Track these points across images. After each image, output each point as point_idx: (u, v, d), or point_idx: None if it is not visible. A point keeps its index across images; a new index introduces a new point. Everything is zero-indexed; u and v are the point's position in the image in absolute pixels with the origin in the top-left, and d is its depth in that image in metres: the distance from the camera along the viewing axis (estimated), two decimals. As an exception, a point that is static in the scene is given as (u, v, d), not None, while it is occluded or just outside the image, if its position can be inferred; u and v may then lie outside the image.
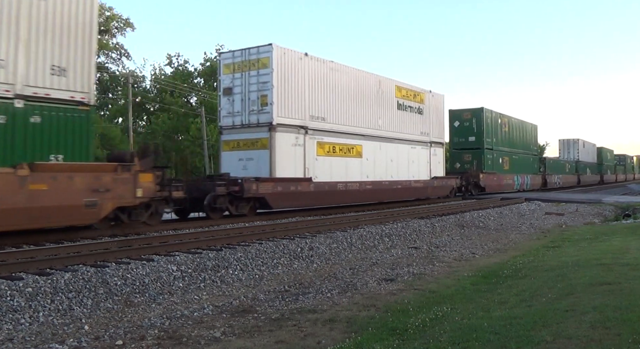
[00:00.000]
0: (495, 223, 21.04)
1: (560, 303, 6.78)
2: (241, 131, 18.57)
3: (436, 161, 28.46)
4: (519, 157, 39.29)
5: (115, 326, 6.91)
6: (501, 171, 35.51)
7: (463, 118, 34.49)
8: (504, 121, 36.97)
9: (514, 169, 37.70)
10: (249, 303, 8.07)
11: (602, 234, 15.67)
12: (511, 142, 38.03)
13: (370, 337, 5.92)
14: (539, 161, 46.38)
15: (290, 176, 18.39)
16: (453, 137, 34.94)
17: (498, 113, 36.14)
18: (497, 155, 35.22)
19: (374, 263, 11.87)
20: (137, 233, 13.47)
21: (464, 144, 34.41)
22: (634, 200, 31.64)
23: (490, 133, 34.58)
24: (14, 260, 9.19)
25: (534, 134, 44.09)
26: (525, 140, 41.42)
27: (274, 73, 17.90)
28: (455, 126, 34.78)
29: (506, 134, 37.10)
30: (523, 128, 41.02)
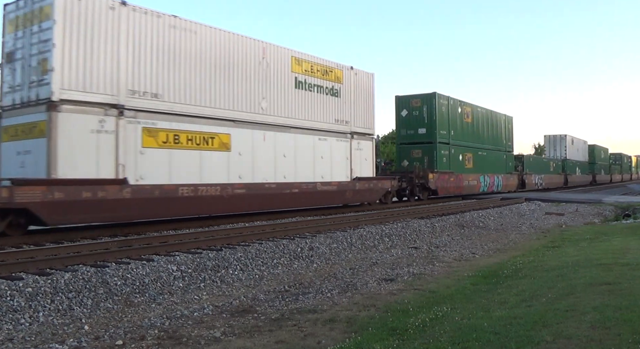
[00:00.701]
0: (495, 223, 21.03)
1: (560, 303, 6.78)
2: (21, 113, 13.17)
3: (361, 157, 22.19)
4: (487, 154, 33.67)
5: (115, 326, 6.91)
6: (461, 169, 29.95)
7: (412, 106, 28.36)
8: (466, 110, 30.95)
9: (480, 168, 32.22)
10: (249, 303, 8.06)
11: (602, 234, 15.67)
12: (476, 136, 32.16)
13: (370, 337, 5.92)
14: (516, 159, 40.78)
15: (87, 177, 12.73)
16: (400, 129, 28.93)
17: (458, 100, 30.14)
18: (456, 151, 29.61)
19: (374, 262, 11.87)
20: (137, 233, 13.48)
21: (412, 137, 28.43)
22: (634, 200, 31.63)
23: (446, 124, 28.74)
24: (14, 260, 9.19)
25: (508, 127, 37.82)
26: (496, 134, 35.39)
27: (58, 26, 12.43)
28: (402, 115, 28.60)
29: (469, 126, 31.14)
30: (493, 120, 35.02)
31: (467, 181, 30.54)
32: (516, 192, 37.73)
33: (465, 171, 30.37)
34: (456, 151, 29.64)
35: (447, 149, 28.64)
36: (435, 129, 27.82)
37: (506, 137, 37.47)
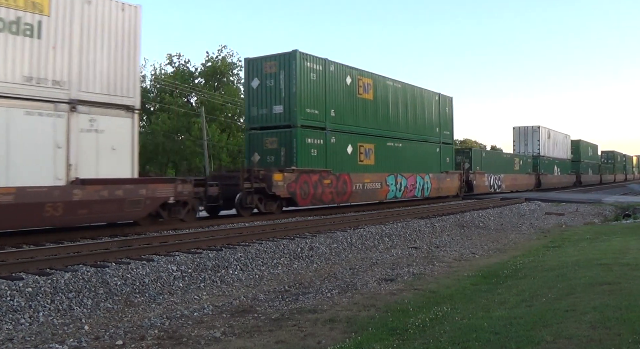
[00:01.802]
0: (495, 223, 21.04)
1: (560, 303, 6.78)
2: None
3: (102, 145, 12.91)
4: (405, 147, 24.73)
5: (115, 326, 6.91)
6: (351, 167, 21.05)
7: (265, 73, 19.45)
8: (363, 82, 21.96)
9: (390, 165, 23.50)
10: (249, 303, 8.07)
11: (602, 234, 15.67)
12: (383, 120, 23.28)
13: (370, 337, 5.92)
14: (459, 153, 32.77)
15: None
16: (250, 107, 20.04)
17: (346, 67, 21.03)
18: (341, 140, 20.70)
19: (374, 262, 11.87)
20: (137, 233, 13.48)
21: (266, 119, 19.52)
22: (634, 200, 31.62)
23: (319, 99, 19.62)
24: (14, 260, 9.19)
25: (445, 111, 28.60)
26: (423, 119, 26.39)
27: None
28: (253, 87, 19.88)
29: (369, 105, 22.42)
30: (416, 99, 25.90)
31: (359, 184, 21.29)
32: (458, 197, 29.94)
33: (358, 169, 21.44)
34: (341, 140, 20.60)
35: (320, 136, 19.64)
36: (295, 105, 18.71)
37: (441, 123, 28.08)
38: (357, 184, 21.29)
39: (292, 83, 18.88)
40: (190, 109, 45.65)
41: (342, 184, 20.47)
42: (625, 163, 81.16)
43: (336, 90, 20.66)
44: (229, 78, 48.84)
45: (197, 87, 47.37)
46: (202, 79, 49.14)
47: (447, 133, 29.07)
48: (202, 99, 45.31)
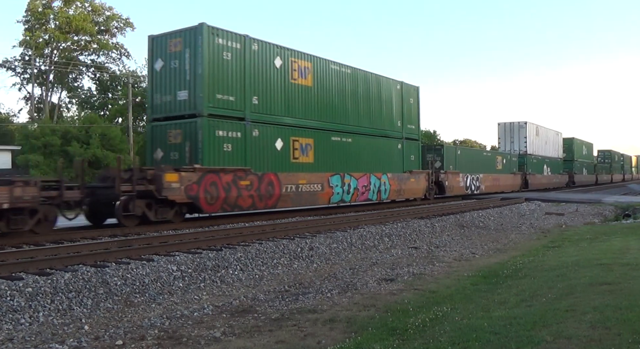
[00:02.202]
0: (495, 223, 21.04)
1: (560, 303, 6.78)
2: None
3: None
4: (356, 142, 21.53)
5: (115, 326, 6.91)
6: (283, 166, 17.98)
7: (170, 52, 16.20)
8: (299, 64, 18.76)
9: (336, 164, 20.29)
10: (249, 303, 8.07)
11: (602, 234, 15.67)
12: (326, 111, 19.98)
13: (370, 337, 5.92)
14: (427, 150, 29.47)
15: None
16: (154, 94, 16.76)
17: (276, 46, 17.99)
18: (268, 133, 17.53)
19: (374, 262, 11.87)
20: (137, 233, 13.48)
21: (170, 107, 16.30)
22: (634, 200, 31.63)
23: (236, 83, 16.37)
24: (14, 260, 9.19)
25: (408, 102, 25.43)
26: (381, 111, 23.25)
27: None
28: (156, 70, 16.60)
29: (309, 93, 19.16)
30: (372, 88, 22.63)
31: (292, 186, 17.89)
32: (426, 200, 26.90)
33: (291, 168, 18.24)
34: (267, 133, 17.40)
35: (237, 128, 16.41)
36: (201, 90, 15.45)
37: (404, 116, 24.89)
38: (289, 185, 17.80)
39: (198, 63, 15.46)
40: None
41: (267, 186, 17.01)
42: (623, 163, 78.86)
43: (261, 73, 17.21)
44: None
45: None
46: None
47: (411, 127, 25.73)
48: None
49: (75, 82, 47.95)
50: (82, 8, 45.64)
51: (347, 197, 20.93)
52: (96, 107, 46.86)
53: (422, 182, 26.53)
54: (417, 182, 26.09)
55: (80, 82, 48.75)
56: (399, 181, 24.38)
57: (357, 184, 21.47)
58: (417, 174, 26.14)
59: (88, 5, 45.89)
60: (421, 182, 26.50)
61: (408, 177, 25.23)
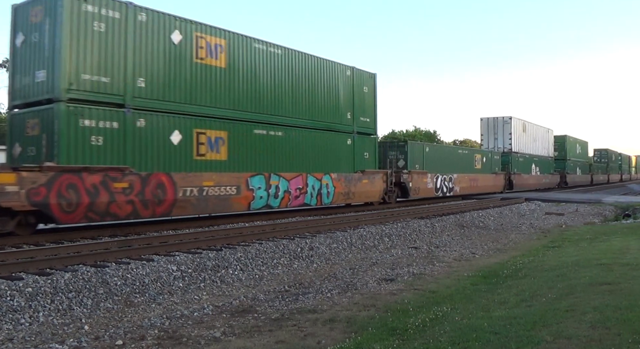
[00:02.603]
0: (495, 223, 21.05)
1: (560, 303, 6.78)
2: None
3: None
4: (288, 137, 18.26)
5: (115, 326, 6.91)
6: (182, 164, 14.58)
7: (31, 23, 13.16)
8: (208, 41, 15.49)
9: (259, 162, 17.02)
10: (249, 303, 8.07)
11: (602, 234, 15.67)
12: (246, 98, 16.71)
13: (370, 337, 5.92)
14: (387, 147, 26.49)
15: None
16: (14, 75, 13.68)
17: (172, 17, 14.66)
18: (160, 124, 14.17)
19: (374, 262, 11.88)
20: (137, 233, 13.49)
21: (29, 92, 13.17)
22: (634, 200, 31.63)
23: (104, 60, 13.04)
24: (14, 260, 9.19)
25: (363, 91, 22.15)
26: (324, 100, 19.91)
27: None
28: (17, 45, 13.54)
29: (216, 75, 15.76)
30: (310, 73, 19.36)
31: (193, 189, 14.58)
32: (386, 204, 23.53)
33: (194, 166, 14.86)
34: (158, 123, 14.04)
35: (112, 117, 13.14)
36: (59, 70, 12.38)
37: (356, 107, 21.55)
38: (189, 188, 14.44)
39: (57, 35, 12.38)
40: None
41: (155, 190, 13.55)
42: (620, 162, 75.83)
43: (151, 50, 13.89)
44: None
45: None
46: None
47: (365, 120, 22.18)
48: None
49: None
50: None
51: (275, 202, 17.32)
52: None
53: (378, 183, 22.74)
54: (372, 183, 22.31)
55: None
56: (348, 183, 20.75)
57: (288, 186, 17.80)
58: (372, 175, 22.33)
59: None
60: (377, 184, 22.68)
61: (359, 178, 21.39)
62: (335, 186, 20.06)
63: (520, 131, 39.86)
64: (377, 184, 22.76)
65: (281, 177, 17.72)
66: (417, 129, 61.38)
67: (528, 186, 40.66)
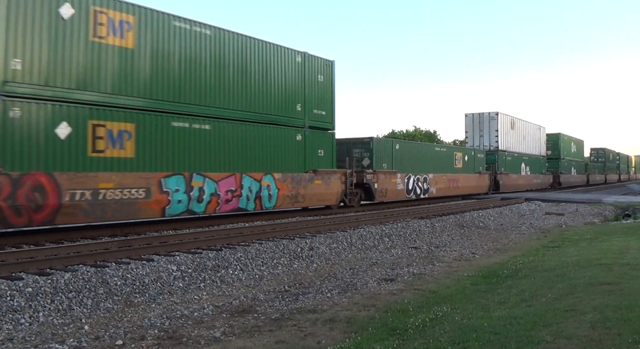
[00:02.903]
0: (495, 223, 21.05)
1: (560, 303, 6.78)
2: None
3: None
4: (218, 130, 15.73)
5: (115, 326, 6.91)
6: (76, 162, 12.32)
7: None
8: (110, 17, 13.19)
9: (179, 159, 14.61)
10: (249, 303, 8.07)
11: (602, 234, 15.67)
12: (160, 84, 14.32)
13: (370, 337, 5.92)
14: (355, 145, 23.65)
15: None
16: None
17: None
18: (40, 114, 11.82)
19: (374, 262, 11.88)
20: (137, 233, 13.49)
21: None
22: (634, 200, 31.64)
23: None
24: (14, 260, 9.20)
25: (318, 81, 19.63)
26: (268, 90, 17.44)
27: None
28: None
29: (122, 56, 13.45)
30: (249, 58, 16.82)
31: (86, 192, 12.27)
32: (348, 208, 21.32)
33: (91, 164, 12.65)
34: (40, 113, 11.88)
35: None
36: None
37: (308, 98, 19.00)
38: (79, 191, 12.12)
39: None
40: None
41: (31, 193, 11.32)
42: (619, 162, 73.70)
43: (31, 26, 11.73)
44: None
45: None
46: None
47: (320, 113, 19.62)
48: None
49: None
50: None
51: (199, 207, 14.75)
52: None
53: (334, 185, 20.03)
54: (327, 185, 19.66)
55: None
56: (296, 184, 18.13)
57: (216, 188, 15.20)
58: (327, 175, 19.65)
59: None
60: (333, 185, 19.99)
61: (311, 179, 18.78)
62: (279, 187, 17.46)
63: (507, 127, 37.45)
64: (334, 186, 20.05)
65: (207, 178, 14.97)
66: (417, 129, 61.35)
67: (517, 187, 38.39)
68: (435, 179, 27.99)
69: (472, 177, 32.22)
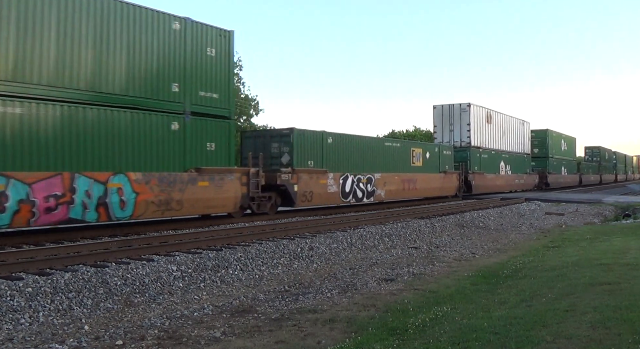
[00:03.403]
0: (495, 223, 21.04)
1: (560, 303, 6.78)
2: None
3: None
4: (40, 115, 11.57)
5: (115, 326, 6.91)
6: None
7: None
8: None
9: None
10: (249, 303, 8.07)
11: (602, 234, 15.67)
12: None
13: (370, 337, 5.92)
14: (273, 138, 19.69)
15: None
16: None
17: None
18: None
19: (374, 262, 11.88)
20: (137, 233, 13.49)
21: None
22: (634, 200, 31.65)
23: None
24: (14, 260, 9.20)
25: (208, 55, 15.47)
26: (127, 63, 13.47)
27: None
28: None
29: None
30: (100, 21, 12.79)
31: None
32: (254, 216, 17.44)
33: None
34: None
35: None
36: None
37: (191, 76, 15.03)
38: None
39: None
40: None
41: None
42: (615, 162, 70.56)
43: None
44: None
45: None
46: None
47: (210, 96, 15.35)
48: None
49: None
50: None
51: (2, 219, 10.72)
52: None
53: (230, 187, 15.70)
54: (218, 187, 15.28)
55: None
56: (167, 187, 14.00)
57: (28, 193, 11.18)
58: (218, 175, 15.31)
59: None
60: (229, 188, 15.65)
61: (192, 180, 14.61)
62: (137, 191, 13.28)
63: (482, 121, 33.07)
64: (229, 189, 15.66)
65: (13, 179, 10.93)
66: (417, 129, 61.34)
67: (494, 188, 34.39)
68: (383, 180, 23.70)
69: (434, 178, 28.02)
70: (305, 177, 19.43)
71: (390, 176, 24.31)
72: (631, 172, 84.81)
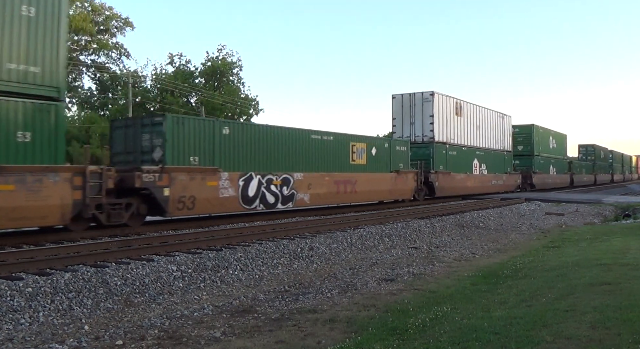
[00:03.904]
0: (495, 223, 21.04)
1: (560, 303, 6.78)
2: None
3: None
4: None
5: (115, 326, 6.91)
6: None
7: None
8: None
9: None
10: (249, 303, 8.07)
11: (602, 234, 15.67)
12: None
13: (370, 337, 5.92)
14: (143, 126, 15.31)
15: None
16: None
17: None
18: None
19: (374, 262, 11.88)
20: (137, 233, 13.48)
21: None
22: (634, 200, 31.66)
23: None
24: (14, 260, 9.20)
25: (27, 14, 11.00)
26: None
27: None
28: None
29: None
30: None
31: None
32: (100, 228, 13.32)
33: None
34: None
35: None
36: None
37: None
38: None
39: None
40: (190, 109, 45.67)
41: None
42: (611, 161, 67.30)
43: None
44: (229, 78, 48.91)
45: (197, 87, 47.38)
46: (202, 79, 49.19)
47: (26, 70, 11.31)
48: (202, 99, 45.33)
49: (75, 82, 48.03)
50: (82, 8, 45.69)
51: None
52: (96, 107, 46.99)
53: (52, 192, 11.56)
54: (33, 193, 11.15)
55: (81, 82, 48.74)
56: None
57: None
58: (32, 176, 11.16)
59: (88, 5, 45.95)
60: (50, 194, 11.50)
61: None
62: None
63: (449, 113, 28.67)
64: (51, 194, 11.48)
65: None
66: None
67: (464, 190, 30.10)
68: (307, 181, 19.25)
69: (383, 178, 23.46)
70: (183, 177, 14.89)
71: (318, 177, 19.86)
72: (629, 172, 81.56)
